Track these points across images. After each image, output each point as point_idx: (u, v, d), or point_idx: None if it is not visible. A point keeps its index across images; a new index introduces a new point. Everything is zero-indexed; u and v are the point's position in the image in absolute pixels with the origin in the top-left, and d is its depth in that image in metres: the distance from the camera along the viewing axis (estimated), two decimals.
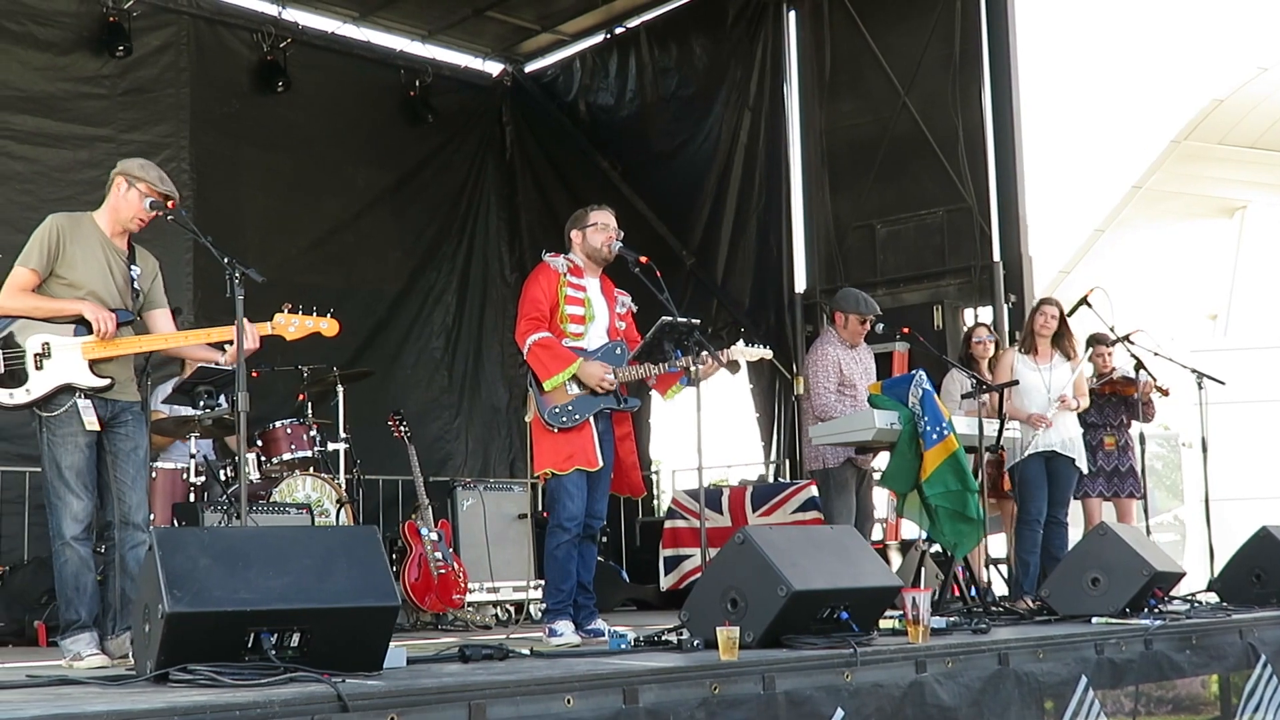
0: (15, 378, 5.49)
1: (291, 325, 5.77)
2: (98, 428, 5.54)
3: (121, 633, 5.45)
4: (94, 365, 5.56)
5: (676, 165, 12.79)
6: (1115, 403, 9.11)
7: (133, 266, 5.77)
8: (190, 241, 9.88)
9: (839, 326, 8.15)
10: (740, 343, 6.34)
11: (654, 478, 13.20)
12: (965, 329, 10.18)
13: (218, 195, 11.17)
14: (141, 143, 10.37)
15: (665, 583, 10.21)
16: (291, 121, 11.92)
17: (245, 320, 5.39)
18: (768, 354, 6.52)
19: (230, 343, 5.54)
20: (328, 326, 5.86)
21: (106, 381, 5.58)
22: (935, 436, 7.17)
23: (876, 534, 10.15)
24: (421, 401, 12.44)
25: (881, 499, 9.83)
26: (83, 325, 5.57)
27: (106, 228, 5.74)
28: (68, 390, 5.51)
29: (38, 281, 5.59)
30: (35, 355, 5.50)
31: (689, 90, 12.81)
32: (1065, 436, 8.39)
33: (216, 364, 5.98)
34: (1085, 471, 8.58)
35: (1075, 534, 8.46)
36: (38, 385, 5.49)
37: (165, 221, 5.80)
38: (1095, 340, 9.15)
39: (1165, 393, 9.08)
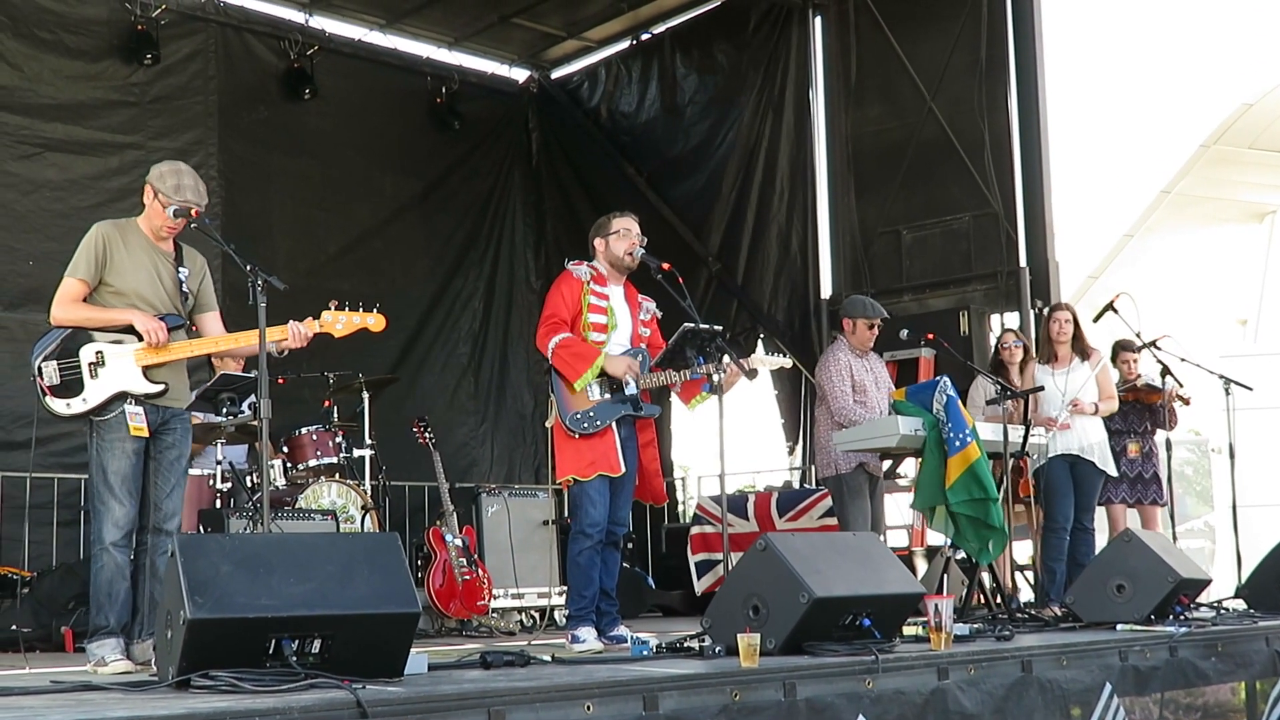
0: (71, 388, 5.51)
1: (339, 323, 5.78)
2: (146, 433, 5.56)
3: (147, 638, 5.48)
4: (147, 371, 5.58)
5: (700, 171, 12.79)
6: (1140, 409, 9.06)
7: (180, 269, 5.79)
8: (220, 249, 9.93)
9: (848, 333, 8.15)
10: (760, 350, 6.33)
11: (678, 484, 13.18)
12: (996, 335, 10.13)
13: (246, 202, 11.24)
14: (170, 150, 10.38)
15: (700, 586, 10.19)
16: (319, 128, 11.98)
17: (293, 321, 5.49)
18: (787, 363, 6.52)
19: (278, 341, 5.56)
20: (375, 322, 5.89)
21: (160, 387, 5.60)
22: (958, 444, 7.16)
23: (901, 540, 10.12)
24: (447, 408, 12.46)
25: (903, 504, 9.81)
26: (135, 333, 5.59)
27: (149, 233, 5.76)
28: (121, 397, 5.53)
29: (87, 291, 5.61)
30: (89, 364, 5.52)
31: (712, 96, 12.82)
32: (1085, 441, 8.36)
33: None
34: (1113, 474, 8.54)
35: (1102, 540, 8.41)
36: (94, 394, 5.51)
37: (192, 229, 5.84)
38: (1121, 347, 9.10)
39: (1187, 402, 9.03)
